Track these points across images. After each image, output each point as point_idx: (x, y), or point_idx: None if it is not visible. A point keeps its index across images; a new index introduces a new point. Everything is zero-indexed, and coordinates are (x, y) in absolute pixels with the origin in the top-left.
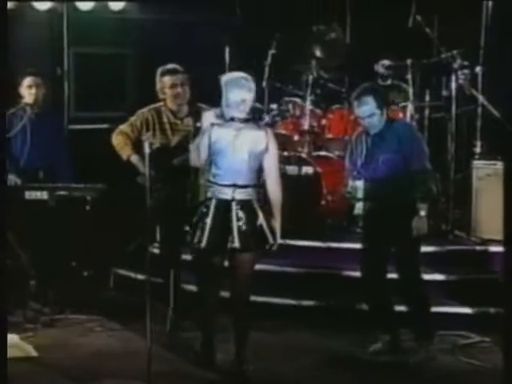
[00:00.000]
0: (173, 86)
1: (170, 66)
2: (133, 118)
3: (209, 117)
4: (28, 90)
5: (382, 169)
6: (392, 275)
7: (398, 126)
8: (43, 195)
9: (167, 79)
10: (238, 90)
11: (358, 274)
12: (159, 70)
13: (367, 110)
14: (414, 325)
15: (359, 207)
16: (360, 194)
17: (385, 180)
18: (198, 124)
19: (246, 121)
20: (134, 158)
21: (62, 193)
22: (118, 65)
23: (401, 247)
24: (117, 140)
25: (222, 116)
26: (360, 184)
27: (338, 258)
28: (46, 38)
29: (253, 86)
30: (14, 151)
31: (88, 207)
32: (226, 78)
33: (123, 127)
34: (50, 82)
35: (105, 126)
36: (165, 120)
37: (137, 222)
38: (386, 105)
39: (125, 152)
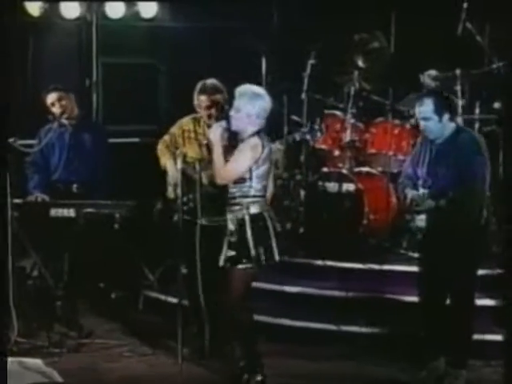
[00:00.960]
0: (208, 107)
1: (210, 82)
2: (173, 128)
3: (216, 130)
4: (53, 107)
5: (442, 182)
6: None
7: (465, 139)
8: (70, 213)
9: (203, 99)
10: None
11: (400, 297)
12: (198, 86)
13: (423, 111)
14: (458, 352)
15: (422, 219)
16: (425, 205)
17: (445, 194)
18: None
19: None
20: (169, 164)
21: (89, 210)
22: (149, 75)
23: (459, 269)
24: (159, 149)
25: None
26: (425, 193)
27: (380, 280)
28: (75, 48)
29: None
30: (45, 165)
31: (117, 225)
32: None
33: (165, 136)
34: (75, 94)
35: (135, 139)
36: (201, 131)
37: (168, 241)
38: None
39: (162, 159)
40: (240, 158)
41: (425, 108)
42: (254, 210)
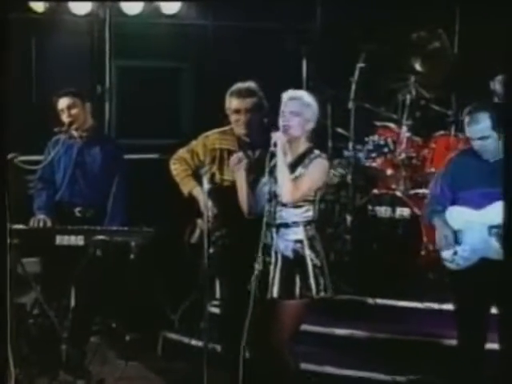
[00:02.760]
0: (236, 111)
1: (243, 85)
2: (194, 143)
3: (280, 137)
4: (62, 114)
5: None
6: None
7: None
8: (78, 240)
9: (234, 102)
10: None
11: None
12: (230, 89)
13: (479, 129)
14: None
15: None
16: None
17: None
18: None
19: None
20: (197, 192)
21: (101, 237)
22: (171, 81)
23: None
24: (175, 169)
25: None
26: (459, 253)
27: (441, 322)
28: (85, 49)
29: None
30: (53, 182)
31: (132, 255)
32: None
33: (181, 152)
34: (90, 102)
35: (154, 155)
36: (233, 148)
37: (192, 275)
38: None
39: (185, 185)
40: (314, 176)
41: (480, 125)
42: (311, 233)
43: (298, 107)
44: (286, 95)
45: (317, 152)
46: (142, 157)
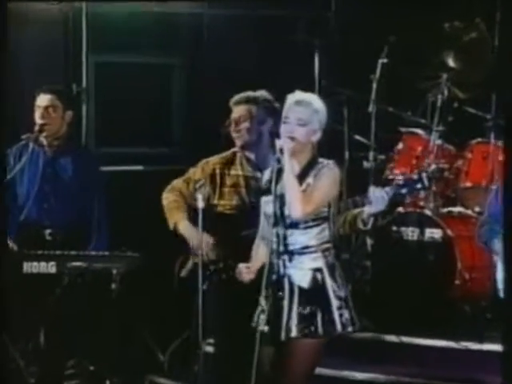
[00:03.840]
0: (235, 122)
1: (247, 93)
2: (192, 170)
3: (287, 143)
4: (37, 112)
5: None
6: None
7: None
8: (49, 268)
9: (234, 110)
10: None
11: None
12: (233, 100)
13: None
14: None
15: None
16: None
17: None
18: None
19: None
20: (183, 226)
21: (76, 264)
22: (159, 80)
23: None
24: (165, 198)
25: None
26: None
27: (480, 365)
28: (59, 43)
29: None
30: (16, 200)
31: (114, 285)
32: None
33: (176, 182)
34: (73, 111)
35: (138, 167)
36: (238, 172)
37: (184, 309)
38: None
39: (172, 216)
40: (325, 186)
41: None
42: (331, 259)
43: (307, 115)
44: (292, 98)
45: (323, 160)
46: (126, 169)
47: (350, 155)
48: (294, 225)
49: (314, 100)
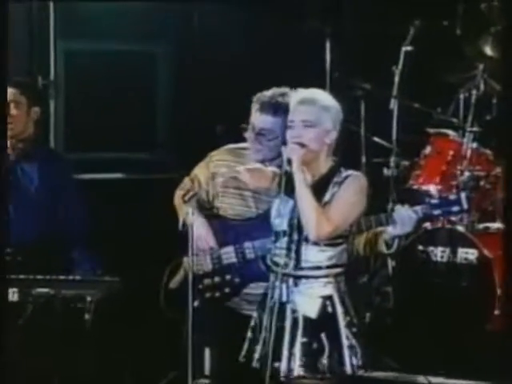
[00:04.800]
0: (259, 133)
1: (277, 94)
2: (197, 168)
3: (296, 152)
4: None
5: None
6: None
7: None
8: (10, 295)
9: (260, 119)
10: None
11: None
12: (257, 99)
13: None
14: None
15: None
16: None
17: None
18: None
19: None
20: (190, 219)
21: (43, 291)
22: (141, 71)
23: None
24: (176, 197)
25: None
26: None
27: None
28: (21, 28)
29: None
30: None
31: (88, 316)
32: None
33: (185, 180)
34: (40, 108)
35: (117, 175)
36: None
37: (170, 344)
38: None
39: (181, 210)
40: (348, 200)
41: None
42: (343, 286)
43: (314, 114)
44: (296, 97)
45: (346, 170)
46: (102, 177)
47: (368, 161)
48: (310, 242)
49: (321, 96)
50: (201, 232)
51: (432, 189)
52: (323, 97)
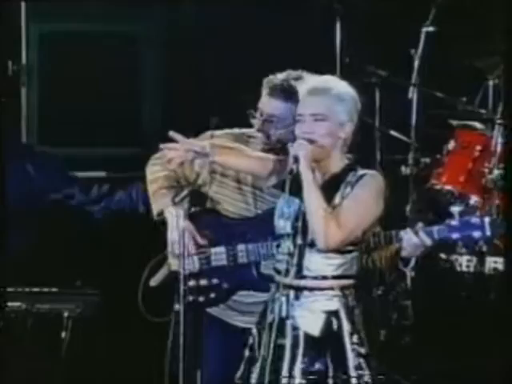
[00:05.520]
0: (268, 119)
1: (286, 78)
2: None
3: (303, 148)
4: None
5: None
6: None
7: None
8: None
9: (268, 103)
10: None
11: None
12: (267, 82)
13: None
14: None
15: None
16: None
17: None
18: None
19: None
20: (170, 213)
21: (15, 305)
22: (124, 57)
23: None
24: (151, 173)
25: None
26: None
27: None
28: None
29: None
30: None
31: (65, 333)
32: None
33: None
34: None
35: (100, 173)
36: None
37: (155, 363)
38: None
39: (157, 201)
40: (363, 203)
41: None
42: (352, 300)
43: (325, 105)
44: (305, 87)
45: (362, 169)
46: (83, 175)
47: (383, 157)
48: (317, 248)
49: (334, 84)
50: (185, 227)
51: (452, 188)
52: (336, 84)
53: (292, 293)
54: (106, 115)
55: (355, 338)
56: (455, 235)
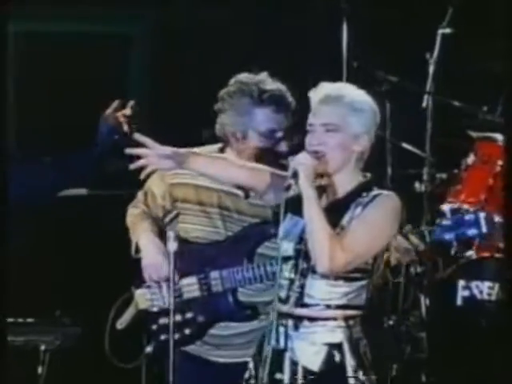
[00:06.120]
0: (270, 135)
1: (275, 85)
2: (152, 179)
3: (304, 161)
4: None
5: None
6: None
7: None
8: None
9: (267, 117)
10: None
11: None
12: (240, 82)
13: None
14: None
15: None
16: None
17: None
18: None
19: None
20: (144, 239)
21: None
22: (109, 57)
23: None
24: (128, 216)
25: None
26: None
27: None
28: None
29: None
30: None
31: (41, 368)
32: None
33: (138, 195)
34: None
35: (80, 191)
36: (209, 184)
37: None
38: None
39: (134, 232)
40: (375, 227)
41: None
42: (357, 332)
43: (338, 116)
44: (318, 94)
45: (378, 189)
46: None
47: (394, 172)
48: (317, 273)
49: (349, 92)
50: (156, 259)
51: (470, 206)
52: (350, 93)
53: (291, 322)
54: (88, 122)
55: (360, 375)
56: (448, 235)
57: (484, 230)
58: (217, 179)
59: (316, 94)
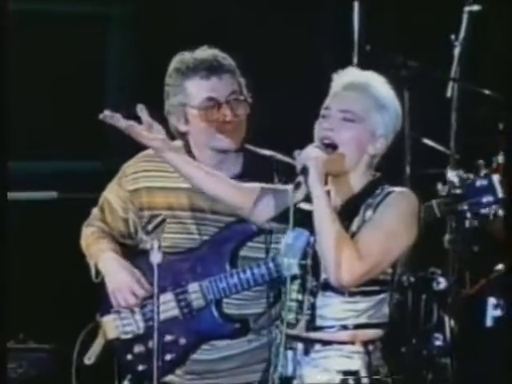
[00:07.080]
0: (209, 105)
1: (206, 52)
2: (108, 189)
3: (314, 156)
4: None
5: None
6: None
7: None
8: None
9: (197, 86)
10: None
11: None
12: (175, 60)
13: None
14: None
15: None
16: None
17: None
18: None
19: None
20: (104, 259)
21: None
22: (89, 40)
23: None
24: (82, 238)
25: None
26: None
27: None
28: None
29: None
30: None
31: None
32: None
33: (92, 213)
34: None
35: (50, 194)
36: (185, 185)
37: None
38: None
39: (91, 254)
40: (391, 229)
41: None
42: (377, 358)
43: (360, 105)
44: (342, 78)
45: (389, 186)
46: (28, 197)
47: (414, 171)
48: (332, 287)
49: (377, 83)
50: (123, 281)
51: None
52: (379, 87)
53: (300, 346)
54: (62, 118)
55: None
56: (460, 206)
57: (500, 194)
58: (189, 180)
59: (340, 78)
